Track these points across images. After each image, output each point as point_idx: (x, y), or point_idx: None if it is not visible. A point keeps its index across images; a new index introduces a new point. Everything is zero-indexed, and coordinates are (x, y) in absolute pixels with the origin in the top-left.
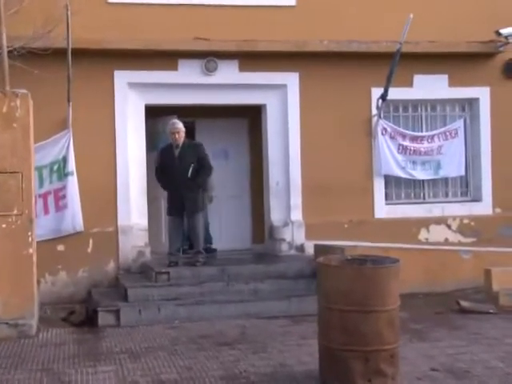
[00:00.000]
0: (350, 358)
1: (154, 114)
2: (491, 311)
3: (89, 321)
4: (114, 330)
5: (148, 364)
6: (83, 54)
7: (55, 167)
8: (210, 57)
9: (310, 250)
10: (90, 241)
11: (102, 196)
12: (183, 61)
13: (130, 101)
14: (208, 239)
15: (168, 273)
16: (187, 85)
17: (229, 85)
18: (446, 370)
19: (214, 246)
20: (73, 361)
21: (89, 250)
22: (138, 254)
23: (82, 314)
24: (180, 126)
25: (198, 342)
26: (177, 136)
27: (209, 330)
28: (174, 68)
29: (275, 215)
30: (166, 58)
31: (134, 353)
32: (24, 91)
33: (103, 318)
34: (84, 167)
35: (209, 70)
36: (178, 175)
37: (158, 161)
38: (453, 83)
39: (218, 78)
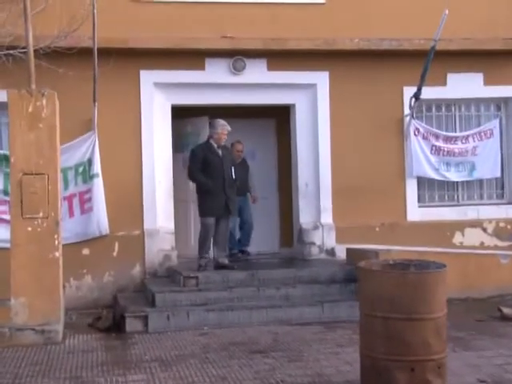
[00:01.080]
0: (394, 369)
1: (180, 114)
2: None
3: (116, 326)
4: (142, 336)
5: (180, 373)
6: (109, 54)
7: (80, 169)
8: (237, 56)
9: (340, 253)
10: (116, 244)
11: (127, 199)
12: (210, 60)
13: (156, 101)
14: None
15: (197, 277)
16: (214, 84)
17: (257, 84)
18: (495, 382)
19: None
20: (101, 369)
21: (114, 253)
22: (164, 258)
23: (108, 320)
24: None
25: (230, 350)
26: (226, 137)
27: (240, 337)
28: (201, 67)
29: (304, 218)
30: (193, 58)
31: (165, 361)
32: (50, 91)
33: (131, 324)
34: (109, 169)
35: (236, 70)
36: (223, 176)
37: (198, 161)
38: (488, 82)
39: (245, 77)
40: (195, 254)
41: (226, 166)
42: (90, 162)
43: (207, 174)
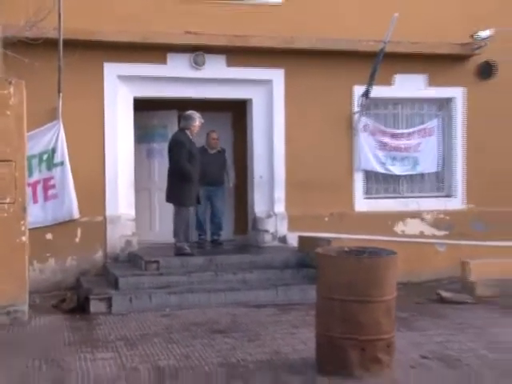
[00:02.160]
0: (348, 347)
1: (144, 106)
2: (468, 301)
3: (80, 308)
4: (106, 317)
5: (145, 351)
6: (74, 45)
7: (45, 157)
8: (199, 51)
9: (292, 241)
10: (79, 230)
11: (90, 186)
12: (172, 54)
13: (119, 93)
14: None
15: (157, 262)
16: (176, 78)
17: (216, 79)
18: (436, 358)
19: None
20: (70, 348)
21: (77, 239)
22: (125, 244)
23: (73, 302)
24: None
25: (192, 330)
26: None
27: (200, 318)
28: (163, 61)
29: (259, 207)
30: (156, 52)
31: (130, 340)
32: (18, 80)
33: (95, 306)
34: (73, 158)
35: (197, 64)
36: (198, 167)
37: (185, 151)
38: (431, 83)
39: (206, 72)
40: (156, 239)
41: (198, 157)
42: (54, 150)
43: (190, 165)
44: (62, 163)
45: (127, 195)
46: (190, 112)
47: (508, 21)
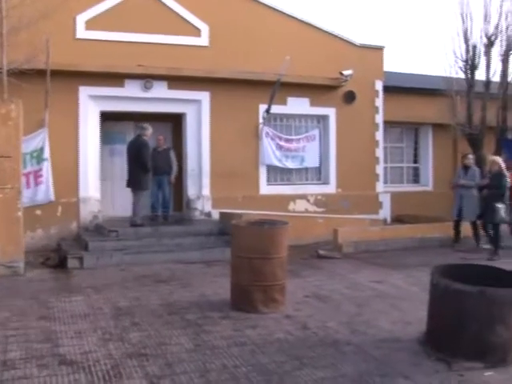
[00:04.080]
0: (253, 290)
1: (108, 117)
2: (337, 257)
3: (60, 264)
4: (79, 271)
5: (107, 295)
6: (57, 74)
7: (35, 154)
8: (147, 78)
9: (215, 216)
10: (59, 208)
11: (68, 176)
12: (128, 80)
13: (89, 108)
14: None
15: (117, 231)
16: (131, 97)
17: (160, 98)
18: (314, 296)
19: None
20: (53, 292)
21: (58, 214)
22: (93, 218)
23: (55, 260)
24: None
25: (141, 280)
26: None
27: (148, 272)
28: (122, 85)
29: (191, 191)
30: (117, 78)
31: (96, 287)
32: (17, 99)
33: (71, 263)
34: (56, 155)
35: (146, 88)
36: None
37: (149, 152)
38: (312, 104)
39: (152, 93)
40: (115, 214)
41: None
42: (42, 149)
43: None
44: (47, 159)
45: (95, 182)
46: (145, 124)
47: (363, 64)
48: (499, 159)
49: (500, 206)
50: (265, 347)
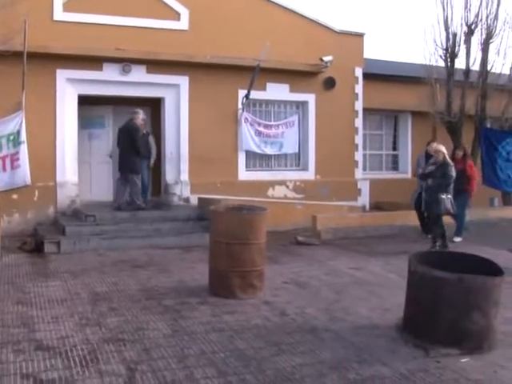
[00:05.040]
0: (232, 276)
1: (87, 101)
2: (316, 243)
3: (37, 249)
4: (56, 256)
5: (85, 280)
6: (34, 56)
7: (11, 137)
8: (126, 62)
9: (193, 201)
10: (36, 192)
11: (45, 159)
12: (107, 64)
13: (67, 91)
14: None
15: (94, 215)
16: (109, 81)
17: (139, 82)
18: (293, 283)
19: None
20: (30, 277)
21: (35, 198)
22: (70, 202)
23: (31, 244)
24: None
25: (119, 265)
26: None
27: (125, 257)
28: (100, 69)
29: (169, 176)
30: (95, 62)
31: (74, 272)
32: None
33: (48, 247)
34: (33, 138)
35: (125, 71)
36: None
37: (140, 136)
38: (292, 90)
39: (131, 77)
40: (93, 199)
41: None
42: (18, 132)
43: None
44: (23, 142)
45: (72, 166)
46: (137, 109)
47: (343, 51)
48: (443, 148)
49: (444, 196)
50: (243, 333)
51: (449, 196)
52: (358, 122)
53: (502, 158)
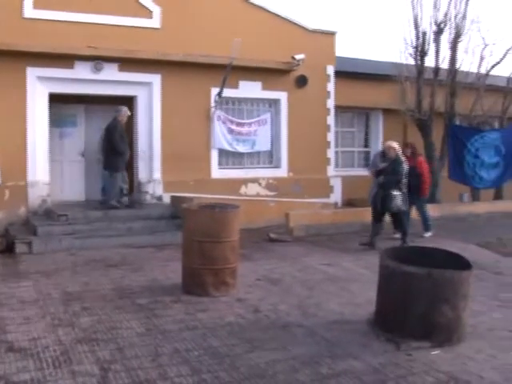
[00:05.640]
0: (205, 274)
1: (57, 100)
2: (289, 240)
3: (8, 249)
4: (28, 256)
5: (57, 280)
6: (4, 54)
7: None
8: (98, 60)
9: (166, 199)
10: (7, 191)
11: (15, 159)
12: (78, 62)
13: (37, 89)
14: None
15: (66, 215)
16: (81, 79)
17: (111, 81)
18: (265, 280)
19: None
20: (1, 278)
21: (6, 198)
22: (42, 202)
23: (2, 245)
24: None
25: (92, 265)
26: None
27: (98, 256)
28: (72, 67)
29: (142, 174)
30: (66, 59)
31: (46, 272)
32: None
33: (19, 248)
34: (3, 137)
35: (97, 69)
36: (126, 145)
37: (119, 134)
38: (264, 88)
39: (103, 75)
40: (65, 199)
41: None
42: None
43: (122, 143)
44: None
45: (43, 166)
46: (121, 107)
47: (315, 49)
48: (395, 144)
49: (396, 193)
50: (216, 330)
51: (400, 193)
52: (330, 119)
53: (470, 155)
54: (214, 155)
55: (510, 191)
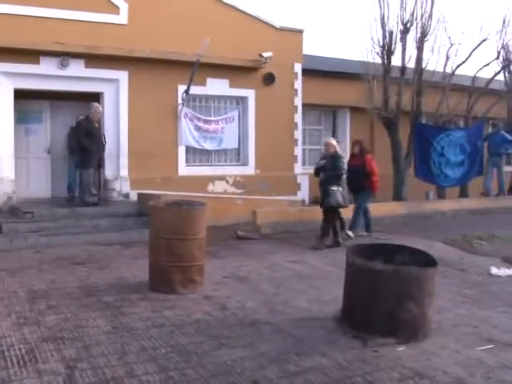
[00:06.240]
0: (172, 271)
1: (22, 96)
2: (256, 237)
3: None
4: None
5: (22, 278)
6: None
7: None
8: (64, 56)
9: (133, 197)
10: None
11: None
12: (44, 57)
13: (2, 85)
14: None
15: (32, 212)
16: (46, 75)
17: (77, 77)
18: (233, 277)
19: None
20: None
21: None
22: (7, 199)
23: None
24: None
25: (58, 262)
26: (99, 115)
27: (64, 254)
28: (37, 62)
29: (108, 172)
30: (32, 55)
31: (11, 270)
32: None
33: None
34: None
35: (63, 65)
36: (98, 141)
37: (82, 130)
38: (232, 85)
39: (69, 71)
40: (31, 196)
41: (99, 134)
42: None
43: (89, 139)
44: None
45: (9, 162)
46: (93, 103)
47: (282, 47)
48: (334, 141)
49: (335, 188)
50: (183, 328)
51: (340, 188)
52: (298, 117)
53: (436, 153)
54: (182, 152)
55: (474, 189)
